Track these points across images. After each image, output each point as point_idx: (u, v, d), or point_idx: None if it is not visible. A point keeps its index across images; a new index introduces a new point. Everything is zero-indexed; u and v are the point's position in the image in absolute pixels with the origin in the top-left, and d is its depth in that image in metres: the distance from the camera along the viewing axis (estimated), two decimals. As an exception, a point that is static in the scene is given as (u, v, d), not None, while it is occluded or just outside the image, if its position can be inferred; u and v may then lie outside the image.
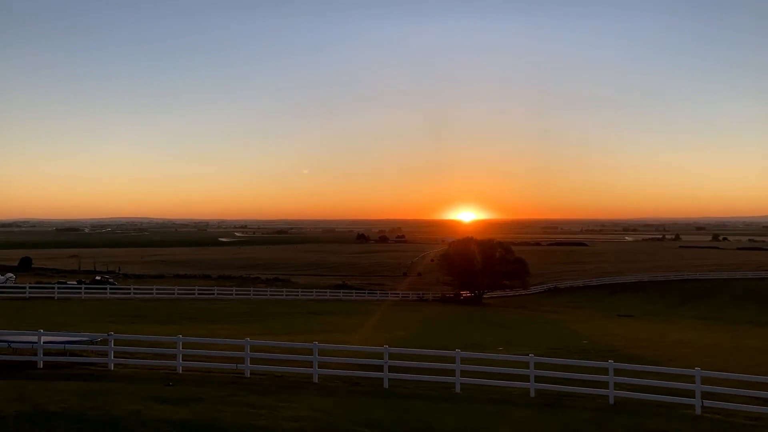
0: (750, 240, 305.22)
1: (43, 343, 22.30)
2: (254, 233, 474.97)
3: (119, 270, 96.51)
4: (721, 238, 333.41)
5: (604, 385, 20.31)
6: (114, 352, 22.39)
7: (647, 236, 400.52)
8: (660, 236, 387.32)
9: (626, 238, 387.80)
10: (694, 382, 19.09)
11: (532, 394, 20.60)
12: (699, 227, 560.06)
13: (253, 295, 68.37)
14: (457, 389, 20.96)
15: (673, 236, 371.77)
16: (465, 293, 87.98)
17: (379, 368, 21.55)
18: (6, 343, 23.25)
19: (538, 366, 21.06)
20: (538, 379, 20.86)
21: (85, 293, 57.27)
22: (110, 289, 60.77)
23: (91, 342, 24.04)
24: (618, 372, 20.34)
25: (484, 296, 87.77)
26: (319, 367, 21.83)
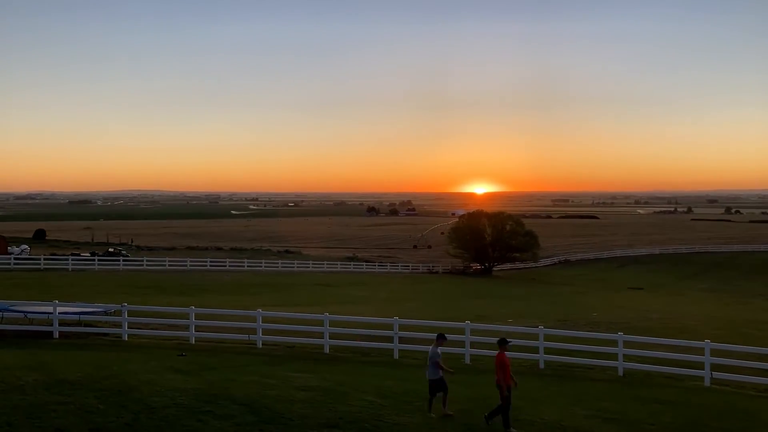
0: (763, 213, 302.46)
1: (59, 313, 22.61)
2: (265, 206, 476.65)
3: (132, 242, 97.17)
4: (733, 211, 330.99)
5: (614, 357, 20.39)
6: (127, 322, 22.68)
7: (659, 209, 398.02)
8: (672, 209, 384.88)
9: (638, 210, 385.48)
10: (703, 355, 19.12)
11: (542, 365, 20.72)
12: (711, 200, 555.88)
13: (265, 267, 68.75)
14: (467, 360, 21.11)
15: (685, 209, 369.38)
16: (475, 266, 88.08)
17: (389, 339, 21.73)
18: (22, 314, 23.59)
19: (548, 338, 21.14)
20: (548, 350, 20.95)
21: (99, 265, 57.83)
22: (123, 260, 61.34)
23: (105, 313, 24.34)
24: (628, 344, 20.38)
25: (494, 269, 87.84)
26: (330, 338, 22.04)
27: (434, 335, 21.70)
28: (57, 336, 22.11)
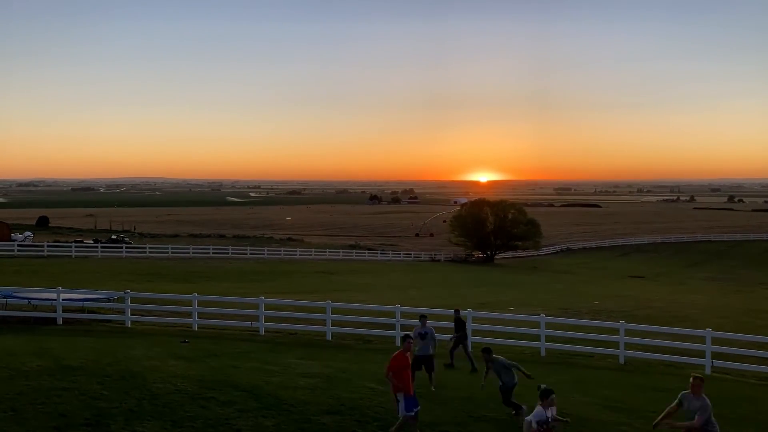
0: (765, 202, 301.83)
1: (62, 300, 22.72)
2: (267, 194, 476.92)
3: (135, 229, 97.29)
4: (736, 199, 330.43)
5: (615, 345, 20.43)
6: (131, 309, 22.77)
7: (661, 197, 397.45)
8: (674, 198, 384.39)
9: (641, 199, 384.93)
10: (704, 343, 19.16)
11: (543, 353, 20.77)
12: (714, 189, 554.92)
13: (267, 254, 68.86)
14: (468, 348, 21.15)
15: (688, 198, 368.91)
16: (477, 254, 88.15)
17: (392, 327, 21.80)
18: (26, 300, 23.73)
19: (549, 326, 21.18)
20: (549, 338, 21.00)
21: (102, 252, 57.99)
22: (126, 248, 61.46)
23: (109, 300, 24.45)
24: (629, 332, 20.43)
25: (496, 257, 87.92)
26: (333, 325, 22.12)
27: (437, 323, 21.72)
28: (61, 322, 22.22)
